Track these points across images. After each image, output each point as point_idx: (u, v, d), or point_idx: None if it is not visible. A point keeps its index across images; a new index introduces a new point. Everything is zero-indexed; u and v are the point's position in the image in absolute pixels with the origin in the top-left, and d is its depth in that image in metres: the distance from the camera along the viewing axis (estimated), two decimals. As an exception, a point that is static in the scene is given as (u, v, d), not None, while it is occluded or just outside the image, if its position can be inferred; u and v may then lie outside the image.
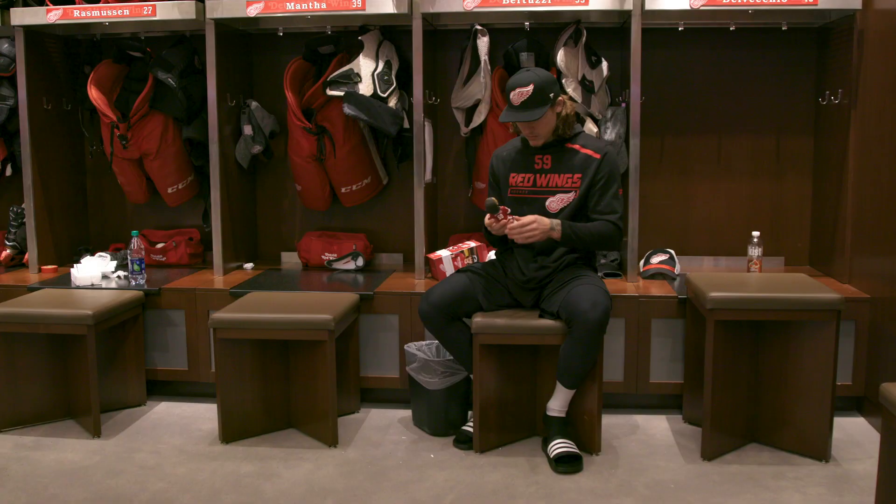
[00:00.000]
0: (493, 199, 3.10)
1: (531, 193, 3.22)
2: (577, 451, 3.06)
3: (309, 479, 2.98)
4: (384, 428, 3.47)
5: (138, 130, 4.11)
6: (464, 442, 3.25)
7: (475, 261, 3.80)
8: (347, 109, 3.80)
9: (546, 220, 3.10)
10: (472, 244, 3.89)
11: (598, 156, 3.15)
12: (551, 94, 3.10)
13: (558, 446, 3.05)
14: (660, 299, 3.55)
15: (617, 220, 3.16)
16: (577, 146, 3.19)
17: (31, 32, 4.05)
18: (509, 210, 3.10)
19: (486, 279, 3.24)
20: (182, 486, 2.95)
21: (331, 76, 3.89)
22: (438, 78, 4.22)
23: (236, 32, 4.16)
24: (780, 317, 3.04)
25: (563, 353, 3.04)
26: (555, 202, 3.18)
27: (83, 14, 3.87)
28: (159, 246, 4.35)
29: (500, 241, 3.25)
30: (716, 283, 3.17)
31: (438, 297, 3.18)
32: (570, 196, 3.16)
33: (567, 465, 3.00)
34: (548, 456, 3.07)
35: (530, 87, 3.07)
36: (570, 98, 3.77)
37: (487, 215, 3.13)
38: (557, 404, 3.13)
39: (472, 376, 3.25)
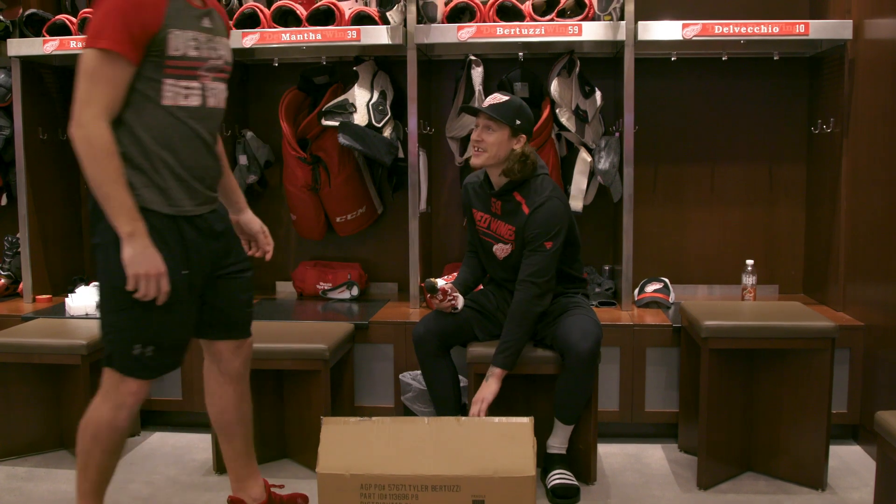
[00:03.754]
0: (433, 279, 3.12)
1: (485, 236, 3.23)
2: (575, 482, 3.04)
3: (303, 510, 2.96)
4: (379, 458, 3.44)
5: None
6: None
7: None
8: (342, 139, 3.82)
9: (486, 388, 2.99)
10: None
11: (527, 211, 3.05)
12: (518, 122, 3.03)
13: (556, 477, 3.03)
14: (654, 328, 3.55)
15: (527, 277, 3.01)
16: (520, 197, 3.08)
17: (28, 63, 4.07)
18: (448, 289, 3.12)
19: (481, 311, 3.24)
20: (175, 518, 2.92)
21: (326, 106, 3.91)
22: (433, 108, 4.25)
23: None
24: (774, 345, 3.05)
25: (559, 387, 3.03)
26: (499, 250, 3.19)
27: (80, 45, 3.88)
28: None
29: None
30: (710, 312, 3.17)
31: (435, 322, 3.17)
32: (509, 248, 3.15)
33: (564, 495, 2.98)
34: (545, 486, 3.05)
35: (507, 98, 3.06)
36: (563, 127, 3.82)
37: (428, 295, 3.14)
38: (558, 441, 3.10)
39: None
